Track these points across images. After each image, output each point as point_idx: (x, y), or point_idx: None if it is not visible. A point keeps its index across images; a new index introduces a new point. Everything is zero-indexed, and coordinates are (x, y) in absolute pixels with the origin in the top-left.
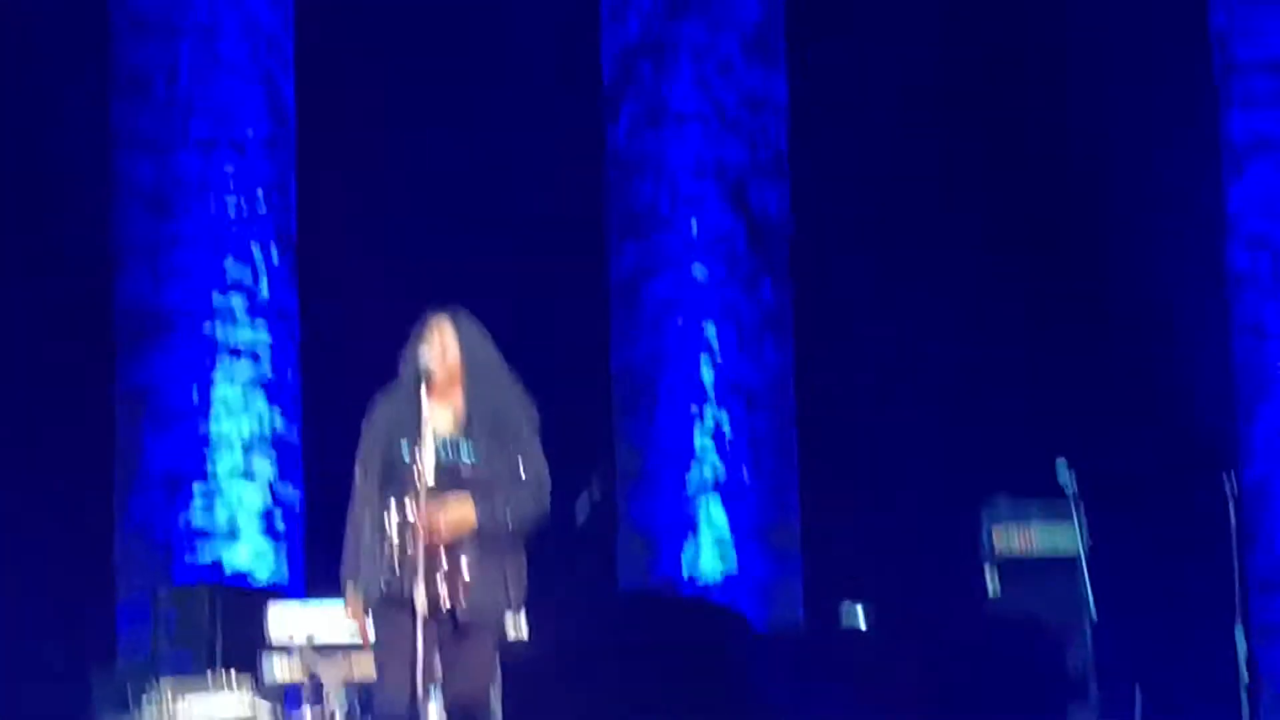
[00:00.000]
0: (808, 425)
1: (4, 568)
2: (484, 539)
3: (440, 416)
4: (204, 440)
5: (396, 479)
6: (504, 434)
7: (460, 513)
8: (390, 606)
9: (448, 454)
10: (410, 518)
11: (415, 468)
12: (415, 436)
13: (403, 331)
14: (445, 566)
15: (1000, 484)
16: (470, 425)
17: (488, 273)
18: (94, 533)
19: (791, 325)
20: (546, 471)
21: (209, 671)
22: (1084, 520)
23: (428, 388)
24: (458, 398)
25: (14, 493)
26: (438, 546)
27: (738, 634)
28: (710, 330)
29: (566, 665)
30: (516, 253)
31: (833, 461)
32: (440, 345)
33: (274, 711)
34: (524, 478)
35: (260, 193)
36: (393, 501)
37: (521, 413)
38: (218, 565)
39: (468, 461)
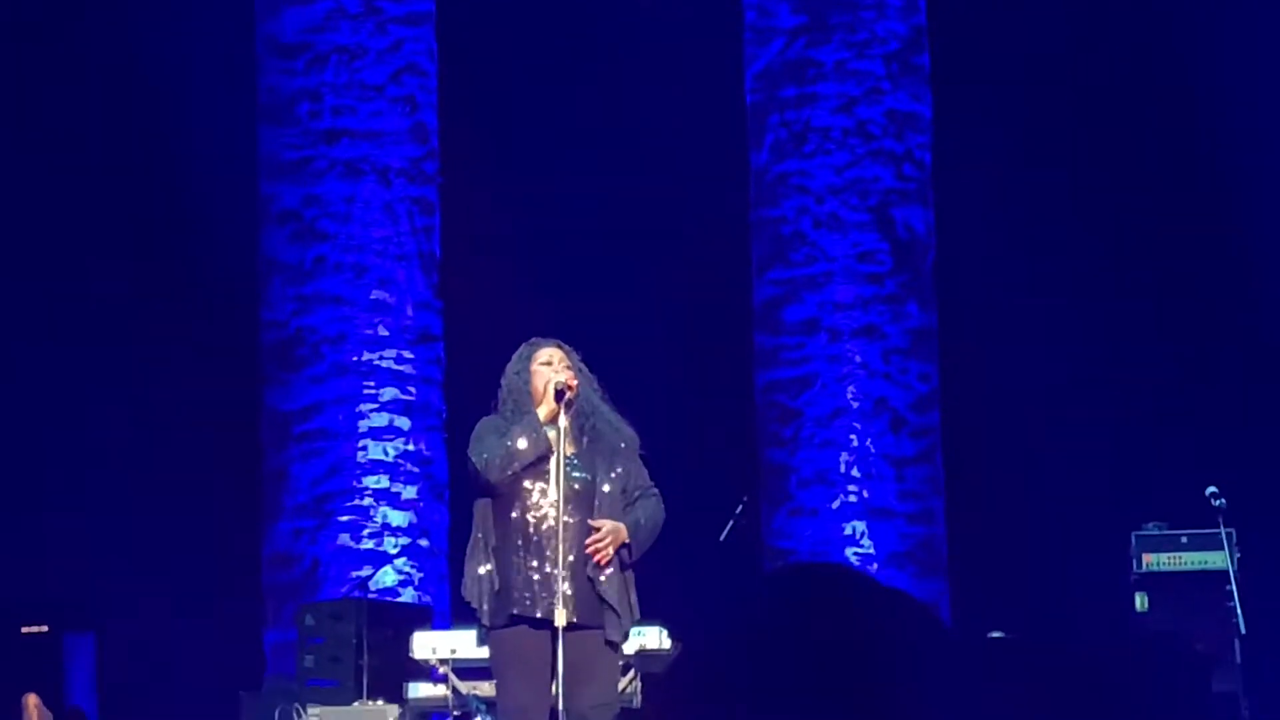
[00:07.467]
0: (953, 449)
1: (154, 585)
2: (621, 553)
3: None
4: (350, 463)
5: (522, 498)
6: (617, 452)
7: (612, 527)
8: (519, 624)
9: (576, 471)
10: (547, 535)
11: (550, 486)
12: (548, 457)
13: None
14: (580, 583)
15: (1151, 514)
16: (590, 444)
17: (631, 295)
18: (240, 557)
19: (937, 347)
20: (655, 486)
21: (355, 697)
22: (1234, 536)
23: (562, 408)
24: (568, 422)
25: (164, 516)
26: (579, 562)
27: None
28: (855, 352)
29: (712, 669)
30: (659, 274)
31: (979, 486)
32: (564, 370)
33: None
34: (642, 492)
35: (407, 215)
36: (529, 518)
37: (627, 432)
38: (364, 586)
39: (597, 478)
